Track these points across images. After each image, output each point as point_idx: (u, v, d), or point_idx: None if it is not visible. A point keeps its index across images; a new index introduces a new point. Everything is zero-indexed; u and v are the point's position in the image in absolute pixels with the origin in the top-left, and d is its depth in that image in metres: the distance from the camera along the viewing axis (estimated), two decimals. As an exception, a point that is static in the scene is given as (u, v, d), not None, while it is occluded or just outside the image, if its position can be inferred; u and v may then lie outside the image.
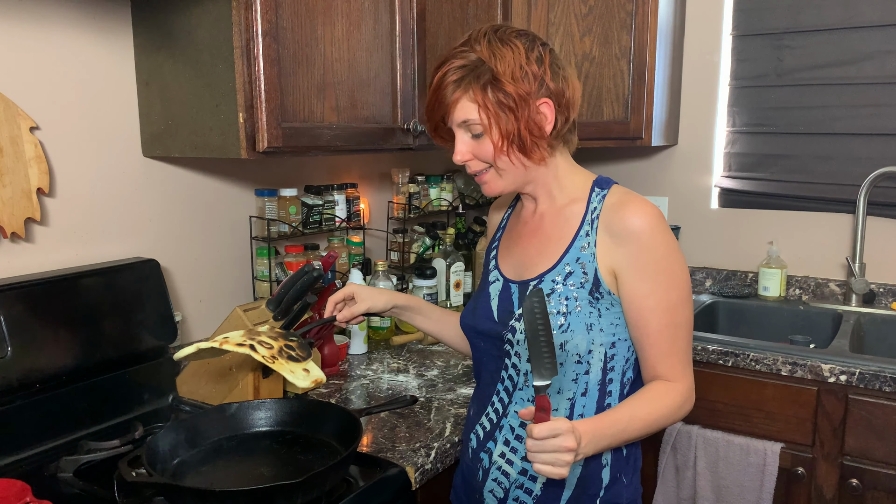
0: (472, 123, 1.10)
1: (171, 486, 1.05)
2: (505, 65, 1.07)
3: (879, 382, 1.70)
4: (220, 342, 1.16)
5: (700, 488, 1.90)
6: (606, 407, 1.14)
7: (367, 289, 1.32)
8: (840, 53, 2.27)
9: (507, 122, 1.08)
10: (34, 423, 1.31)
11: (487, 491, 1.20)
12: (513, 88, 1.07)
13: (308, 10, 1.43)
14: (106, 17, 1.48)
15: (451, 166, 2.51)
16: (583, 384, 1.13)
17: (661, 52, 2.24)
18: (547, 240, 1.17)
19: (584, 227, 1.13)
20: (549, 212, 1.19)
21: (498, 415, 1.19)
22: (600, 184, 1.17)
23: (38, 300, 1.31)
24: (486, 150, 1.11)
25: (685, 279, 1.12)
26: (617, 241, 1.10)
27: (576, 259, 1.12)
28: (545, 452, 0.96)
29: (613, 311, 1.12)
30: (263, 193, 1.82)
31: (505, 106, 1.08)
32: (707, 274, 2.56)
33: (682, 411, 1.12)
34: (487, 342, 1.20)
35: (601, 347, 1.12)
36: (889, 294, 2.27)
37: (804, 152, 2.38)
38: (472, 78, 1.08)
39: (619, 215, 1.10)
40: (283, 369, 1.15)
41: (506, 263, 1.23)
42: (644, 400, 1.11)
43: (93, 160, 1.50)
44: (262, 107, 1.35)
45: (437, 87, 1.11)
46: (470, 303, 1.27)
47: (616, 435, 1.07)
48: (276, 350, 1.17)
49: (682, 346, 1.12)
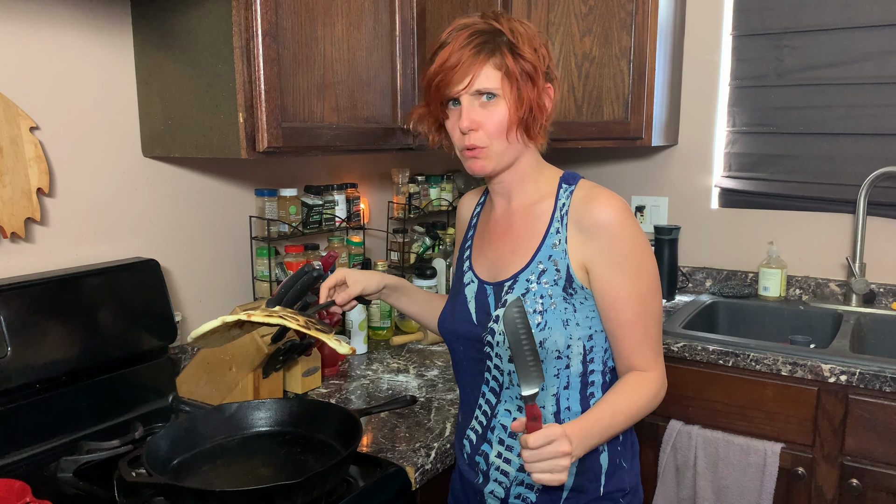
0: (490, 90, 1.09)
1: (171, 486, 1.05)
2: (523, 39, 1.09)
3: (879, 382, 1.70)
4: (246, 314, 1.13)
5: (700, 488, 1.90)
6: (590, 397, 1.15)
7: (357, 272, 1.30)
8: (840, 53, 2.27)
9: (526, 90, 1.09)
10: (34, 423, 1.31)
11: (488, 492, 1.20)
12: (532, 58, 1.09)
13: (308, 10, 1.43)
14: (106, 16, 1.48)
15: (451, 166, 2.51)
16: (564, 378, 1.14)
17: (661, 52, 2.24)
18: (518, 239, 1.17)
19: (554, 224, 1.14)
20: (518, 210, 1.19)
21: (487, 416, 1.19)
22: (567, 179, 1.18)
23: (38, 300, 1.31)
24: (497, 120, 1.10)
25: (654, 269, 1.14)
26: (587, 236, 1.11)
27: (548, 257, 1.13)
28: (542, 461, 0.96)
29: (588, 305, 1.13)
30: (263, 193, 1.82)
31: (527, 76, 1.09)
32: (707, 274, 2.56)
33: (657, 399, 1.15)
34: (466, 345, 1.20)
35: (579, 341, 1.13)
36: (889, 294, 2.27)
37: (804, 152, 2.38)
38: (495, 45, 1.08)
39: (588, 209, 1.11)
40: (321, 335, 1.14)
41: (479, 264, 1.23)
42: (623, 393, 1.12)
43: (93, 160, 1.50)
44: (262, 107, 1.35)
45: (457, 53, 1.08)
46: (447, 305, 1.27)
47: (603, 431, 1.09)
48: (303, 322, 1.15)
49: (653, 334, 1.14)
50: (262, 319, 1.13)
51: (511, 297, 1.13)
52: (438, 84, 1.11)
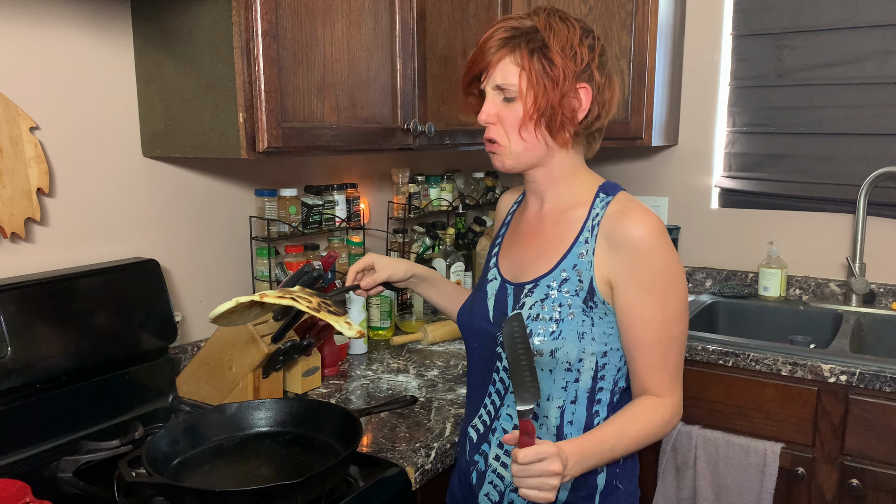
0: (507, 87, 1.09)
1: (171, 486, 1.05)
2: (557, 38, 1.08)
3: (879, 382, 1.70)
4: (259, 295, 1.14)
5: (700, 488, 1.90)
6: (595, 414, 1.13)
7: (385, 258, 1.30)
8: (840, 53, 2.27)
9: (544, 93, 1.07)
10: (34, 423, 1.31)
11: (483, 494, 1.19)
12: (560, 61, 1.07)
13: (308, 10, 1.43)
14: (106, 16, 1.48)
15: (451, 166, 2.51)
16: (572, 392, 1.12)
17: (661, 52, 2.24)
18: (546, 243, 1.16)
19: (584, 234, 1.12)
20: (551, 213, 1.18)
21: (490, 417, 1.19)
22: (606, 189, 1.15)
23: (38, 300, 1.31)
24: (514, 117, 1.10)
25: (682, 294, 1.10)
26: (615, 250, 1.08)
27: (572, 266, 1.11)
28: (531, 477, 0.95)
29: (607, 321, 1.11)
30: (263, 193, 1.82)
31: (547, 76, 1.07)
32: (707, 274, 2.56)
33: (668, 427, 1.11)
34: (480, 342, 1.20)
35: (592, 356, 1.10)
36: (889, 294, 2.27)
37: (804, 152, 2.38)
38: (523, 41, 1.08)
39: (620, 224, 1.09)
40: (329, 318, 1.14)
41: (505, 263, 1.22)
42: (633, 416, 1.09)
43: (93, 160, 1.50)
44: (262, 107, 1.35)
45: (484, 42, 1.10)
46: (468, 299, 1.26)
47: (604, 454, 1.06)
48: (315, 304, 1.15)
49: (673, 360, 1.11)
50: (274, 301, 1.14)
51: (529, 301, 1.12)
52: (466, 74, 1.15)
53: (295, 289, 1.21)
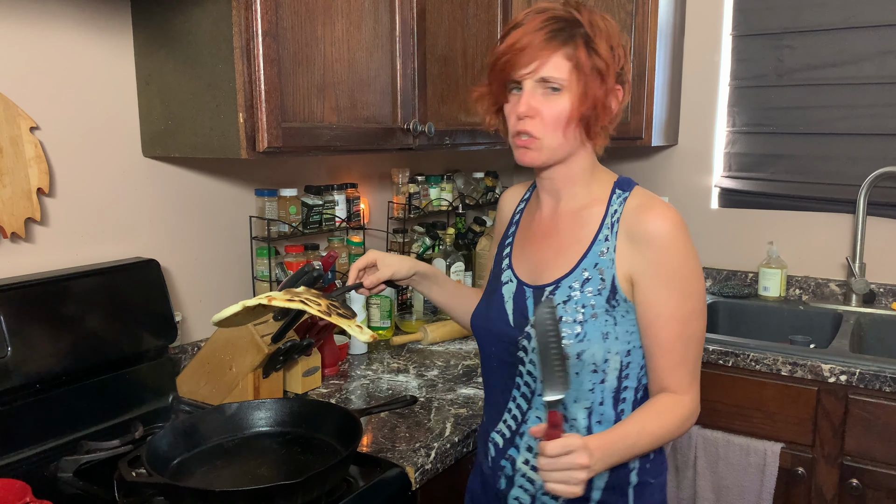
0: (556, 80, 1.05)
1: (171, 486, 1.05)
2: (601, 34, 1.06)
3: (879, 382, 1.70)
4: (266, 298, 1.11)
5: (700, 488, 1.90)
6: (621, 413, 1.12)
7: (388, 255, 1.27)
8: (840, 53, 2.27)
9: (593, 89, 1.05)
10: (34, 423, 1.31)
11: (513, 498, 1.16)
12: (606, 55, 1.05)
13: (308, 10, 1.43)
14: (106, 16, 1.48)
15: (451, 166, 2.51)
16: (599, 394, 1.10)
17: (661, 52, 2.24)
18: (564, 243, 1.13)
19: (604, 231, 1.10)
20: (566, 212, 1.16)
21: (517, 421, 1.16)
22: (622, 185, 1.14)
23: (38, 300, 1.31)
24: (556, 112, 1.06)
25: (701, 290, 1.09)
26: (637, 247, 1.07)
27: (594, 265, 1.09)
28: (558, 471, 0.93)
29: (629, 319, 1.09)
30: (263, 193, 1.82)
31: (596, 71, 1.05)
32: (707, 274, 2.56)
33: (687, 424, 1.11)
34: (499, 347, 1.16)
35: (617, 356, 1.09)
36: (889, 294, 2.27)
37: (804, 152, 2.38)
38: (570, 35, 1.05)
39: (642, 219, 1.07)
40: (341, 322, 1.11)
41: (519, 264, 1.19)
42: (653, 413, 1.08)
43: (93, 160, 1.50)
44: (262, 107, 1.35)
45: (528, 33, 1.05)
46: (481, 302, 1.23)
47: (627, 450, 1.05)
48: (324, 307, 1.13)
49: (692, 357, 1.10)
50: (283, 304, 1.11)
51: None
52: (504, 65, 1.07)
53: (300, 290, 1.19)
